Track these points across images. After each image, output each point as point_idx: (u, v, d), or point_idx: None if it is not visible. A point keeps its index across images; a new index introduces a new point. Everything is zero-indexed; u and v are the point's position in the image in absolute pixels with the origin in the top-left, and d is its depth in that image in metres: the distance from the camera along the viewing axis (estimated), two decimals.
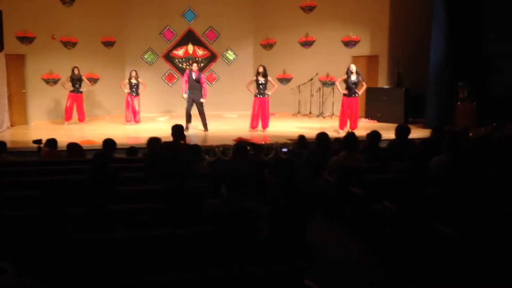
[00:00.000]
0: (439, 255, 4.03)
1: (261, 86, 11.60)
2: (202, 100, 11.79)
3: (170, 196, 3.87)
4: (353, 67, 11.23)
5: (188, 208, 3.73)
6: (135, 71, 13.42)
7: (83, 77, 13.43)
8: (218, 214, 3.74)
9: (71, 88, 13.24)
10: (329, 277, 4.37)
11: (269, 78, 11.72)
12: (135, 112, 13.27)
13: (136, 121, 13.28)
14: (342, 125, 11.36)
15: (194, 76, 11.82)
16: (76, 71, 13.18)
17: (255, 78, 11.75)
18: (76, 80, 13.22)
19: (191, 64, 12.40)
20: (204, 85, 11.94)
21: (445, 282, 3.96)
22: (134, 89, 13.26)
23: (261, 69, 11.65)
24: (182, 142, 7.21)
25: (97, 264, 3.19)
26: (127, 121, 13.28)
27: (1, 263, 2.62)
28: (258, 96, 11.67)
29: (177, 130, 7.12)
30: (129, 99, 13.23)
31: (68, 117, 13.34)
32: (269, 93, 11.67)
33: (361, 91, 11.44)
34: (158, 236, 3.33)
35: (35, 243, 3.17)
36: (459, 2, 11.75)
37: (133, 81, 13.24)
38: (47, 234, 3.28)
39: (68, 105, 13.29)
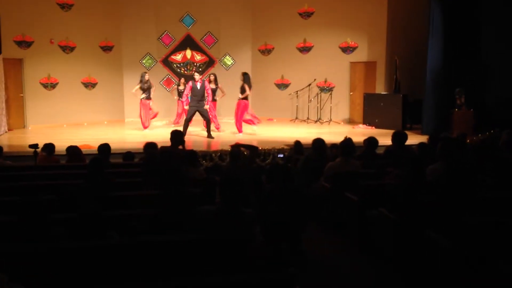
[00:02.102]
0: (432, 263, 4.01)
1: (211, 92, 12.68)
2: (206, 106, 11.78)
3: (161, 201, 3.85)
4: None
5: (180, 214, 3.71)
6: (184, 77, 14.49)
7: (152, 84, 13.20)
8: (211, 220, 3.72)
9: (143, 96, 12.85)
10: (321, 284, 4.35)
11: (219, 85, 13.32)
12: (180, 116, 14.06)
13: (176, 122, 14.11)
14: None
15: (198, 86, 11.63)
16: (147, 77, 12.90)
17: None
18: (149, 87, 12.95)
19: (193, 74, 12.18)
20: (209, 92, 12.07)
21: None
22: (181, 94, 13.89)
23: (212, 77, 13.19)
24: (180, 147, 7.21)
25: (88, 271, 3.17)
26: (175, 124, 13.92)
27: None
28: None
29: (175, 136, 7.12)
30: (179, 104, 14.06)
31: (146, 124, 13.05)
32: (217, 98, 13.42)
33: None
34: (150, 243, 3.31)
35: (25, 249, 3.15)
36: (457, 9, 11.78)
37: (181, 87, 14.04)
38: (34, 239, 3.26)
39: (143, 113, 12.95)
